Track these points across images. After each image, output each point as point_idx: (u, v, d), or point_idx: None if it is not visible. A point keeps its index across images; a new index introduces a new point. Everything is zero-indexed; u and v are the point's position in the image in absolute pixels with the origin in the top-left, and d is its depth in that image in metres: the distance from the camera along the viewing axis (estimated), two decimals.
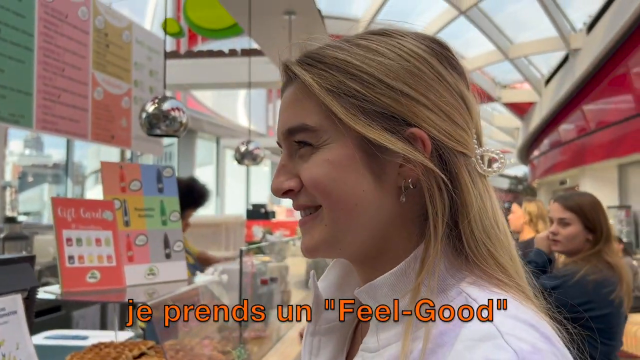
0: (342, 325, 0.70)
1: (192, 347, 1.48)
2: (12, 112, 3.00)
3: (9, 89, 2.97)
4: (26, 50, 3.09)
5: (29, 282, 1.19)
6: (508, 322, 0.51)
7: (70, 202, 1.44)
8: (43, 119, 3.24)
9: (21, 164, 20.95)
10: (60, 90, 3.38)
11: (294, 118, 0.59)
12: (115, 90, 3.99)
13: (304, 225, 0.61)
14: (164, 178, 1.71)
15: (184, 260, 1.70)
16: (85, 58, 3.64)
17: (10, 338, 1.08)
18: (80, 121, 3.58)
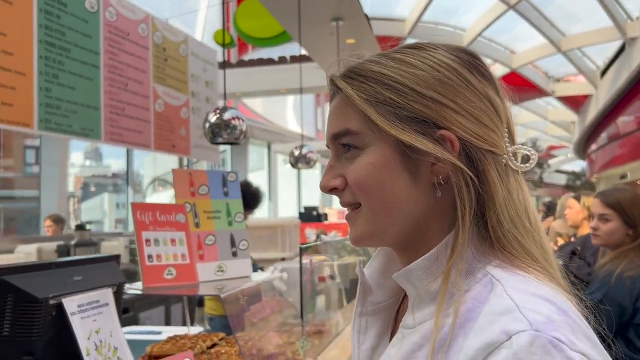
0: (387, 306, 0.79)
1: (259, 338, 1.60)
2: (83, 127, 3.23)
3: (80, 104, 3.20)
4: (93, 68, 3.32)
5: (117, 278, 1.34)
6: (526, 297, 0.58)
7: (147, 206, 1.59)
8: (110, 132, 3.47)
9: (82, 175, 21.77)
10: (124, 104, 3.61)
11: (339, 124, 0.69)
12: (174, 102, 4.21)
13: (350, 218, 0.71)
14: (228, 182, 1.84)
15: (248, 258, 1.82)
16: (146, 72, 3.86)
17: (105, 327, 1.22)
18: (144, 132, 3.81)
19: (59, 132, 3.07)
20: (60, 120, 3.04)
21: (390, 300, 0.80)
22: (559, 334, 0.54)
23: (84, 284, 1.20)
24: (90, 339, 1.15)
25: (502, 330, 0.55)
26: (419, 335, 0.65)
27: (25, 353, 1.04)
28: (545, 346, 0.53)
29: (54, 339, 1.10)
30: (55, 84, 3.01)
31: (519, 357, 0.53)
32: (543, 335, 0.54)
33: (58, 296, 1.10)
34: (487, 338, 0.56)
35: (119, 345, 1.23)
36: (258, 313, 1.71)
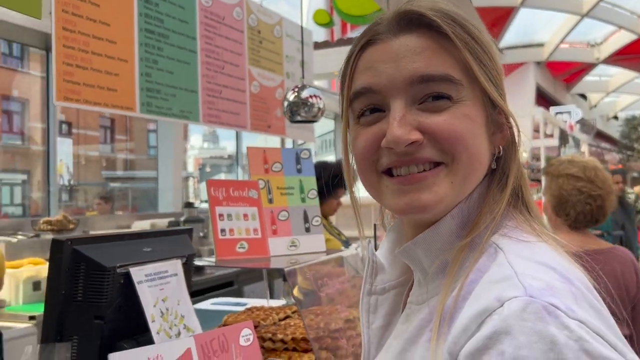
0: (397, 285, 0.76)
1: (330, 312, 1.61)
2: (182, 109, 3.42)
3: (179, 88, 3.38)
4: (191, 53, 3.48)
5: (187, 250, 1.41)
6: (527, 264, 0.54)
7: (221, 182, 1.65)
8: (208, 114, 3.63)
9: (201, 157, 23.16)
10: (221, 86, 3.76)
11: (434, 67, 0.61)
12: (269, 83, 4.31)
13: (424, 180, 0.61)
14: (302, 160, 1.86)
15: (322, 234, 1.84)
16: (241, 55, 3.99)
17: (173, 296, 1.29)
18: (240, 113, 3.94)
19: (159, 115, 3.27)
20: (160, 104, 3.24)
21: (400, 279, 0.77)
22: (556, 301, 0.50)
23: (153, 254, 1.28)
24: (156, 306, 1.22)
25: (496, 297, 0.52)
26: (427, 311, 0.63)
27: (95, 317, 1.14)
28: (538, 312, 0.49)
29: (122, 305, 1.19)
30: (155, 69, 3.20)
31: (508, 323, 0.49)
32: (537, 301, 0.50)
33: (125, 265, 1.18)
34: (480, 305, 0.53)
35: (186, 314, 1.30)
36: (329, 288, 1.72)
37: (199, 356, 1.10)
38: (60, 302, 1.11)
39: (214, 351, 1.14)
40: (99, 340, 1.13)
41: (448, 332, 0.55)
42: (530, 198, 0.67)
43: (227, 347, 1.17)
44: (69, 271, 1.12)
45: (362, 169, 0.68)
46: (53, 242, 1.11)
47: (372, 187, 0.68)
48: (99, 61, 2.84)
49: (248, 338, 1.22)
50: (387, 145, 0.62)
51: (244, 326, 1.23)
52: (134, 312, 1.18)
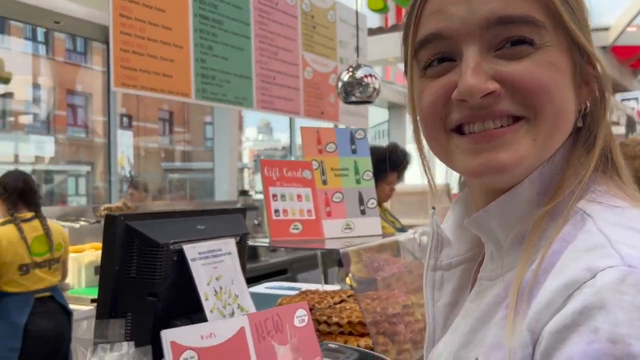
0: (465, 260, 0.69)
1: (387, 297, 1.55)
2: (237, 95, 3.42)
3: (233, 74, 3.38)
4: (244, 39, 3.48)
5: (240, 230, 1.38)
6: (622, 231, 0.47)
7: (275, 163, 1.62)
8: (262, 100, 3.63)
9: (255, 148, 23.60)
10: (274, 72, 3.74)
11: (513, 7, 0.53)
12: (323, 69, 4.26)
13: (502, 137, 0.54)
14: (356, 140, 1.80)
15: (377, 216, 1.78)
16: (295, 41, 3.95)
17: (226, 274, 1.27)
18: (294, 99, 3.92)
19: (214, 101, 3.28)
20: (215, 90, 3.25)
21: (468, 254, 0.70)
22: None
23: (206, 232, 1.26)
24: (210, 284, 1.20)
25: (586, 267, 0.45)
26: (501, 287, 0.56)
27: (149, 294, 1.12)
28: (639, 284, 0.41)
29: (176, 283, 1.17)
30: (209, 55, 3.21)
31: (602, 296, 0.42)
32: (637, 271, 0.43)
33: (179, 242, 1.16)
34: (567, 277, 0.45)
35: (239, 293, 1.27)
36: (385, 272, 1.66)
37: (252, 335, 1.07)
38: (114, 278, 1.10)
39: (268, 331, 1.10)
40: (152, 318, 1.12)
41: (527, 308, 0.48)
42: (621, 161, 0.59)
43: (281, 327, 1.13)
44: (122, 247, 1.11)
45: (429, 127, 0.60)
46: (106, 217, 1.11)
47: (441, 147, 0.61)
48: (154, 47, 2.87)
49: (303, 319, 1.18)
50: (458, 97, 0.54)
51: (299, 306, 1.18)
52: (187, 290, 1.16)
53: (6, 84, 11.92)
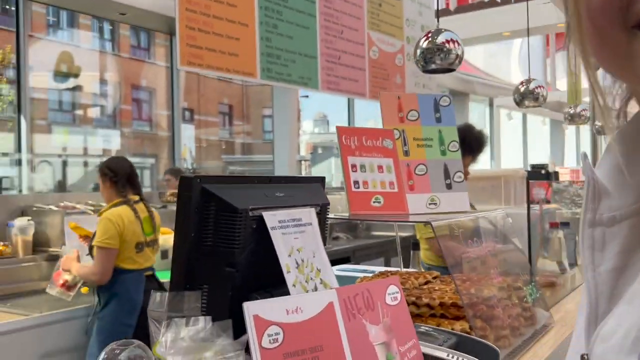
0: (633, 213, 0.52)
1: (479, 279, 1.40)
2: (301, 76, 3.31)
3: (298, 54, 3.27)
4: (309, 17, 3.36)
5: (320, 199, 1.26)
6: None
7: (353, 130, 1.49)
8: (327, 80, 3.50)
9: (312, 141, 23.67)
10: (340, 52, 3.61)
11: None
12: (389, 49, 4.09)
13: None
14: (441, 107, 1.64)
15: (465, 191, 1.62)
16: (360, 19, 3.80)
17: (307, 246, 1.15)
18: (359, 80, 3.77)
19: (279, 82, 3.18)
20: (280, 70, 3.15)
21: (636, 205, 0.53)
22: None
23: (286, 200, 1.15)
24: (291, 256, 1.08)
25: None
26: None
27: (227, 264, 1.02)
28: None
29: (255, 253, 1.06)
30: (275, 34, 3.11)
31: None
32: None
33: (258, 209, 1.05)
34: None
35: (322, 267, 1.15)
36: (476, 252, 1.50)
37: (342, 312, 0.94)
38: (189, 246, 1.01)
39: (358, 308, 0.98)
40: (230, 291, 1.01)
41: None
42: None
43: (372, 304, 1.00)
44: (197, 212, 1.01)
45: (600, 25, 0.44)
46: (181, 179, 1.01)
47: (617, 49, 0.44)
48: (220, 25, 2.80)
49: (395, 297, 1.04)
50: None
51: (390, 282, 1.05)
52: (267, 261, 1.05)
53: (75, 78, 12.37)
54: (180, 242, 1.01)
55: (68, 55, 12.83)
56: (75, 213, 3.45)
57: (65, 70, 12.83)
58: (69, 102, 13.56)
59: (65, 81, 12.79)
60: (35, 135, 10.91)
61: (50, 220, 3.42)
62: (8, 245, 3.23)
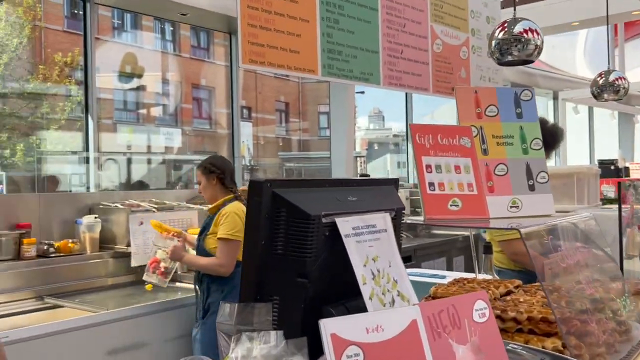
0: None
1: (568, 290, 1.27)
2: (362, 71, 3.21)
3: (359, 49, 3.18)
4: (371, 10, 3.26)
5: (395, 203, 1.17)
6: None
7: (427, 128, 1.39)
8: (389, 75, 3.39)
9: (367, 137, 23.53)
10: (402, 46, 3.49)
11: None
12: (453, 41, 3.93)
13: None
14: (522, 102, 1.52)
15: (550, 193, 1.49)
16: (423, 12, 3.67)
17: (383, 255, 1.06)
18: (422, 75, 3.64)
19: (340, 78, 3.10)
20: (341, 66, 3.07)
21: None
22: None
23: (359, 205, 1.06)
24: (366, 266, 1.00)
25: None
26: None
27: (298, 274, 0.95)
28: None
29: (328, 262, 0.98)
30: (336, 29, 3.03)
31: None
32: None
33: (331, 215, 0.98)
34: None
35: (398, 278, 1.07)
36: (563, 260, 1.37)
37: (426, 330, 0.86)
38: (260, 254, 0.94)
39: (444, 326, 0.89)
40: (302, 303, 0.94)
41: None
42: None
43: (459, 322, 0.91)
44: (268, 218, 0.94)
45: None
46: (251, 183, 0.95)
47: None
48: (281, 22, 2.74)
49: (483, 313, 0.94)
50: None
51: (478, 297, 0.95)
52: (340, 271, 0.97)
53: (139, 78, 12.77)
54: (250, 250, 0.95)
55: (132, 57, 13.26)
56: (139, 211, 3.50)
57: (130, 71, 13.27)
58: (133, 101, 14.03)
59: (130, 81, 13.23)
60: (101, 134, 11.30)
61: (115, 217, 3.48)
62: (77, 242, 3.31)
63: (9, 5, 12.05)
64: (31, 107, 11.94)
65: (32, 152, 11.54)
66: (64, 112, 11.79)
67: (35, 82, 12.13)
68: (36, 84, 12.05)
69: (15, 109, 11.79)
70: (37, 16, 12.68)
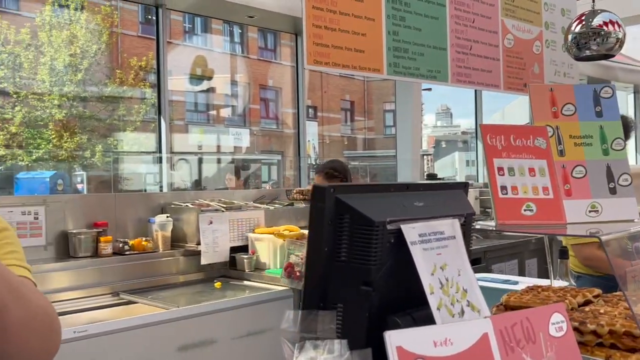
0: None
1: None
2: (429, 69, 3.15)
3: (426, 46, 3.11)
4: (439, 6, 3.18)
5: (464, 209, 1.12)
6: None
7: (499, 128, 1.33)
8: (457, 73, 3.30)
9: (434, 135, 23.10)
10: (471, 41, 3.38)
11: None
12: (525, 36, 3.78)
13: None
14: (602, 99, 1.42)
15: (633, 196, 1.39)
16: (493, 6, 3.54)
17: (451, 263, 1.02)
18: (492, 71, 3.52)
19: (407, 76, 3.05)
20: (407, 64, 3.01)
21: None
22: None
23: (425, 211, 1.03)
24: (434, 274, 0.96)
25: None
26: None
27: (363, 282, 0.92)
28: None
29: (393, 270, 0.96)
30: (402, 27, 2.98)
31: None
32: None
33: (396, 221, 0.95)
34: None
35: (468, 287, 1.02)
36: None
37: (498, 345, 0.81)
38: (323, 261, 0.93)
39: (517, 340, 0.84)
40: (367, 312, 0.92)
41: None
42: None
43: (533, 336, 0.85)
44: (331, 224, 0.92)
45: None
46: (314, 189, 0.93)
47: None
48: (346, 21, 2.72)
49: (560, 326, 0.89)
50: None
51: (554, 310, 0.90)
52: (406, 280, 0.94)
53: (209, 80, 13.16)
54: (313, 257, 0.94)
55: (202, 59, 13.67)
56: (209, 210, 3.58)
57: (200, 73, 13.68)
58: (204, 103, 14.46)
59: (200, 84, 13.65)
60: (174, 135, 11.71)
61: (186, 217, 3.58)
62: (150, 240, 3.43)
63: (88, 14, 12.71)
64: (109, 109, 12.56)
65: (109, 153, 12.12)
66: (139, 114, 12.33)
67: (113, 85, 12.74)
68: (113, 88, 12.66)
69: (95, 111, 12.43)
70: (114, 23, 13.31)
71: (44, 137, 11.75)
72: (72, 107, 12.20)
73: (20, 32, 11.48)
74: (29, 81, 11.64)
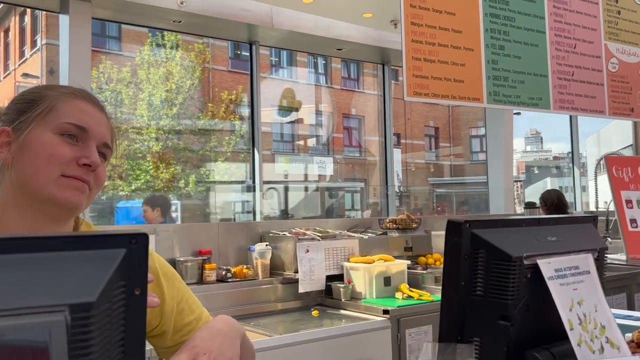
0: None
1: None
2: (530, 96, 3.09)
3: (526, 73, 3.07)
4: (539, 34, 3.14)
5: (596, 243, 1.11)
6: None
7: (625, 160, 1.30)
8: (559, 99, 3.22)
9: (524, 160, 22.25)
10: (573, 67, 3.30)
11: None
12: (631, 59, 3.63)
13: None
14: None
15: None
16: (596, 30, 3.44)
17: (588, 299, 1.01)
18: (596, 96, 3.40)
19: (507, 104, 3.02)
20: (507, 92, 2.98)
21: None
22: None
23: (559, 245, 1.02)
24: (572, 310, 0.96)
25: None
26: None
27: (500, 317, 0.93)
28: None
29: (530, 305, 0.96)
30: (501, 56, 2.96)
31: None
32: None
33: (532, 256, 0.96)
34: None
35: (606, 323, 1.00)
36: None
37: None
38: (460, 295, 0.95)
39: None
40: (505, 346, 0.93)
41: None
42: None
43: None
44: (467, 259, 0.94)
45: None
46: (449, 223, 0.96)
47: None
48: (445, 53, 2.75)
49: None
50: None
51: None
52: (542, 315, 0.94)
53: (296, 112, 13.58)
54: (450, 290, 0.96)
55: (290, 92, 14.12)
56: (305, 239, 3.67)
57: (287, 105, 14.11)
58: (289, 133, 14.87)
59: (287, 115, 14.07)
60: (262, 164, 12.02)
61: (284, 245, 3.69)
62: (250, 267, 3.56)
63: (183, 51, 13.54)
64: (201, 141, 13.21)
65: (202, 183, 12.69)
66: (229, 145, 12.88)
67: (205, 118, 13.42)
68: (205, 120, 13.32)
69: (188, 143, 13.13)
70: (207, 59, 14.07)
71: (142, 168, 12.52)
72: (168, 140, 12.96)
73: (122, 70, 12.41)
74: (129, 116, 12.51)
